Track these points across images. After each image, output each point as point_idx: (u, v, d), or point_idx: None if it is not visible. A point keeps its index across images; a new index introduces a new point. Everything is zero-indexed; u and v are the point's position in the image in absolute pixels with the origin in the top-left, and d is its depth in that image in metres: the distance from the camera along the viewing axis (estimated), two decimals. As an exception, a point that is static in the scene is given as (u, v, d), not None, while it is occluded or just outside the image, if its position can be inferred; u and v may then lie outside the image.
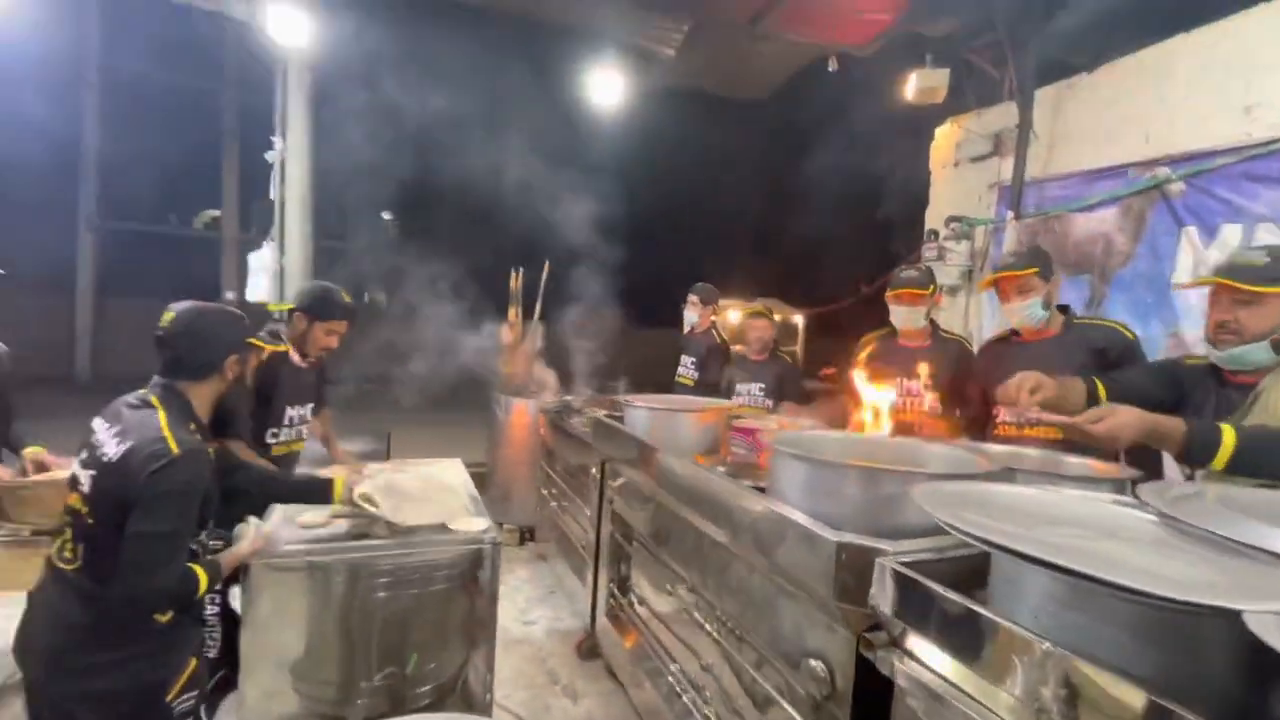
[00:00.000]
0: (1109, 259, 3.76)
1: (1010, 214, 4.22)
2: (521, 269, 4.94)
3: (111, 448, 1.55)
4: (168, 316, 1.70)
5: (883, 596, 1.29)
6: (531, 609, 3.76)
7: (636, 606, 2.83)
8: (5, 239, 9.79)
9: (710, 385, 4.23)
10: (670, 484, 2.30)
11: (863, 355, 2.92)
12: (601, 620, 3.10)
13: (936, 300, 2.85)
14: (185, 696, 1.65)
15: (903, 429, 2.39)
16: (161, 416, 1.60)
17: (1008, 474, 1.69)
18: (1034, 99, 4.08)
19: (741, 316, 7.59)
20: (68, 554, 1.59)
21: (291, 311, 2.60)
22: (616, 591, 2.97)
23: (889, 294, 2.78)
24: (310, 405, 2.73)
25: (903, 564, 1.26)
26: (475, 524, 2.28)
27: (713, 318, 4.49)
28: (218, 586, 1.78)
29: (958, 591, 1.14)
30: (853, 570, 1.37)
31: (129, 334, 12.97)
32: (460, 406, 5.37)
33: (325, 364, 2.82)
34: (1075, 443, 1.78)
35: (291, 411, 2.63)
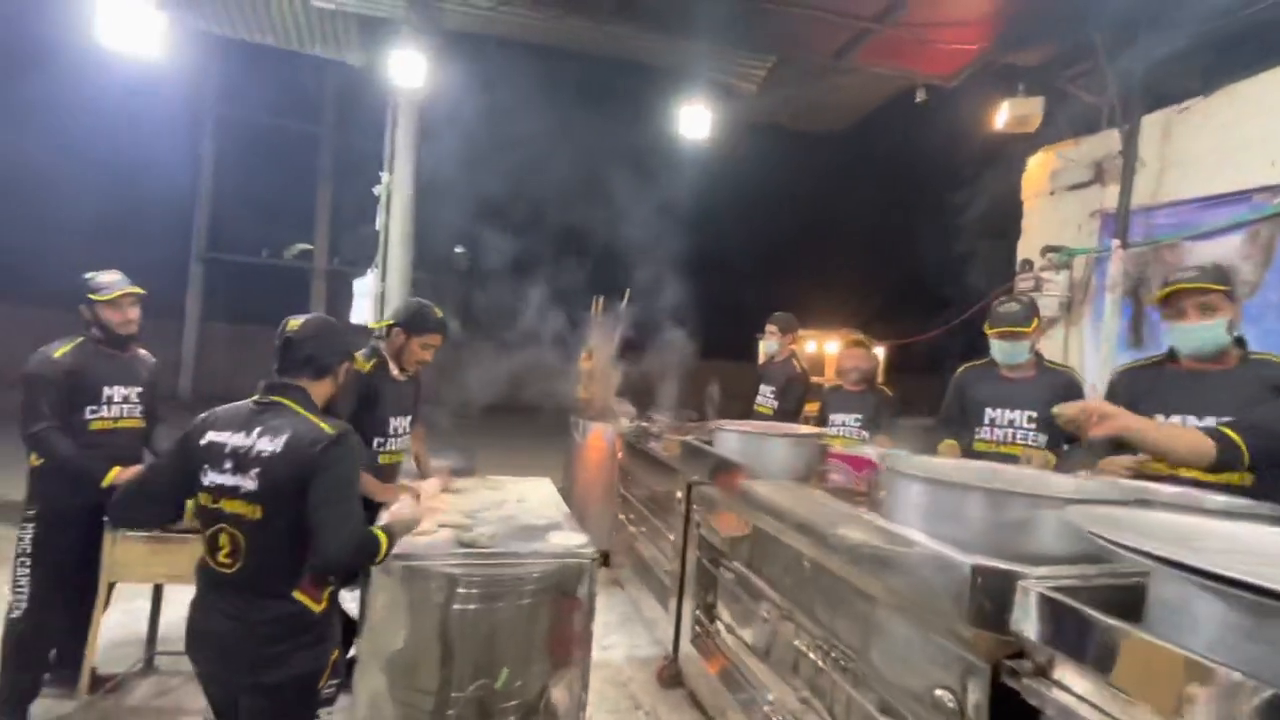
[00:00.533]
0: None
1: (1116, 242, 4.03)
2: (601, 298, 5.07)
3: (267, 444, 1.67)
4: (295, 323, 1.86)
5: (1028, 622, 1.23)
6: (608, 634, 3.74)
7: (724, 634, 2.78)
8: (130, 267, 10.83)
9: (789, 414, 4.18)
10: (771, 507, 2.27)
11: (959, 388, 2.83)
12: (686, 648, 3.05)
13: (1039, 334, 2.70)
14: (330, 683, 1.75)
15: (1007, 463, 2.29)
16: (300, 410, 1.74)
17: (1143, 505, 1.60)
18: (1140, 125, 3.93)
19: (839, 346, 7.49)
20: (225, 559, 1.68)
21: (390, 327, 2.75)
22: (703, 618, 2.93)
23: (989, 330, 2.66)
24: (409, 418, 2.84)
25: (1052, 589, 1.21)
26: (573, 539, 2.32)
27: (792, 347, 4.45)
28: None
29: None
30: (989, 595, 1.32)
31: (227, 357, 13.99)
32: (537, 432, 5.48)
33: (421, 381, 2.95)
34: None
35: (394, 422, 2.73)
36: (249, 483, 1.67)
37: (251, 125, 14.12)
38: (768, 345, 4.40)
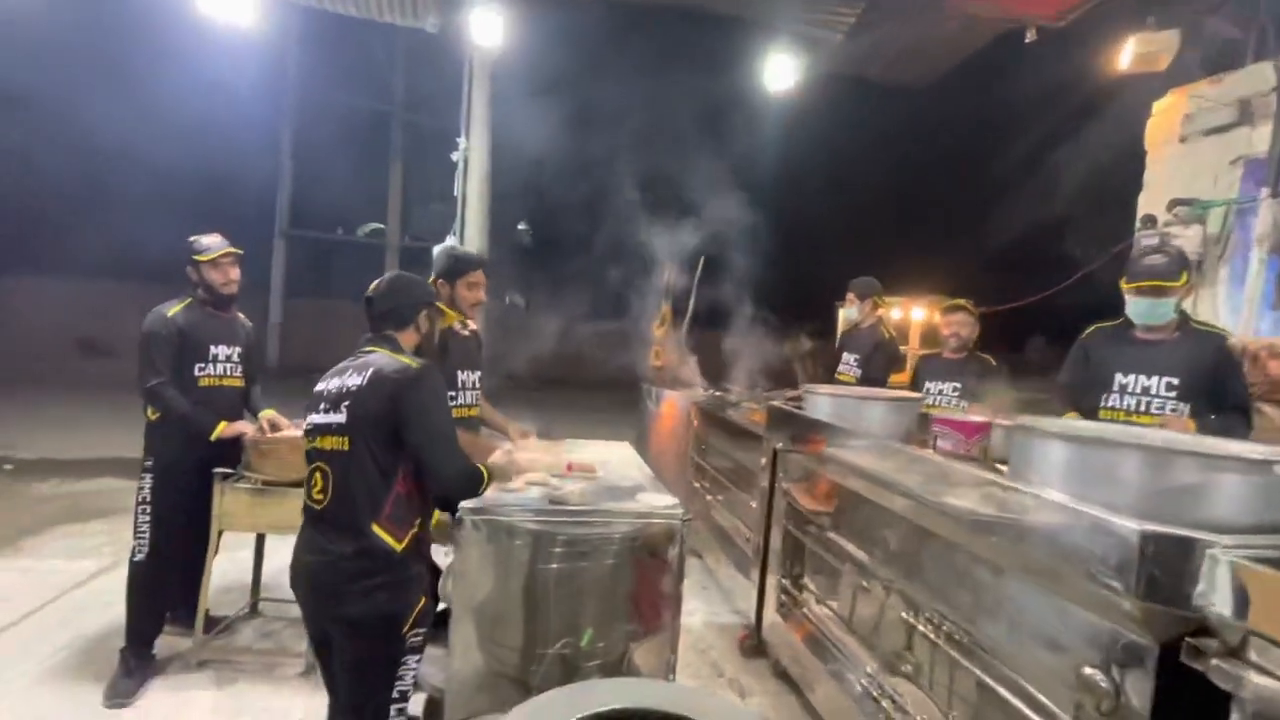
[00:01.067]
0: None
1: (1265, 191, 3.57)
2: (674, 263, 4.95)
3: (355, 380, 1.73)
4: (376, 284, 1.93)
5: (1218, 596, 1.08)
6: (687, 599, 3.67)
7: (813, 604, 2.68)
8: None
9: (875, 383, 3.98)
10: (875, 471, 2.13)
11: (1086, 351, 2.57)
12: (770, 617, 2.97)
13: (1188, 290, 2.39)
14: (416, 631, 1.77)
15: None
16: (387, 351, 1.82)
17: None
18: (1297, 57, 3.44)
19: (932, 312, 7.07)
20: (317, 495, 1.75)
21: (433, 284, 2.75)
22: (789, 587, 2.83)
23: (1127, 285, 2.37)
24: (477, 373, 2.82)
25: (1252, 558, 1.05)
26: (661, 500, 2.26)
27: (877, 313, 4.23)
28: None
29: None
30: (1162, 565, 1.16)
31: (310, 329, 14.69)
32: (610, 404, 5.47)
33: (483, 340, 2.97)
34: None
35: (462, 376, 2.72)
36: (339, 416, 1.73)
37: (328, 105, 14.60)
38: (849, 312, 4.19)
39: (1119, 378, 2.40)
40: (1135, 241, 4.12)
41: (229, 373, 2.96)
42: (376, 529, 1.69)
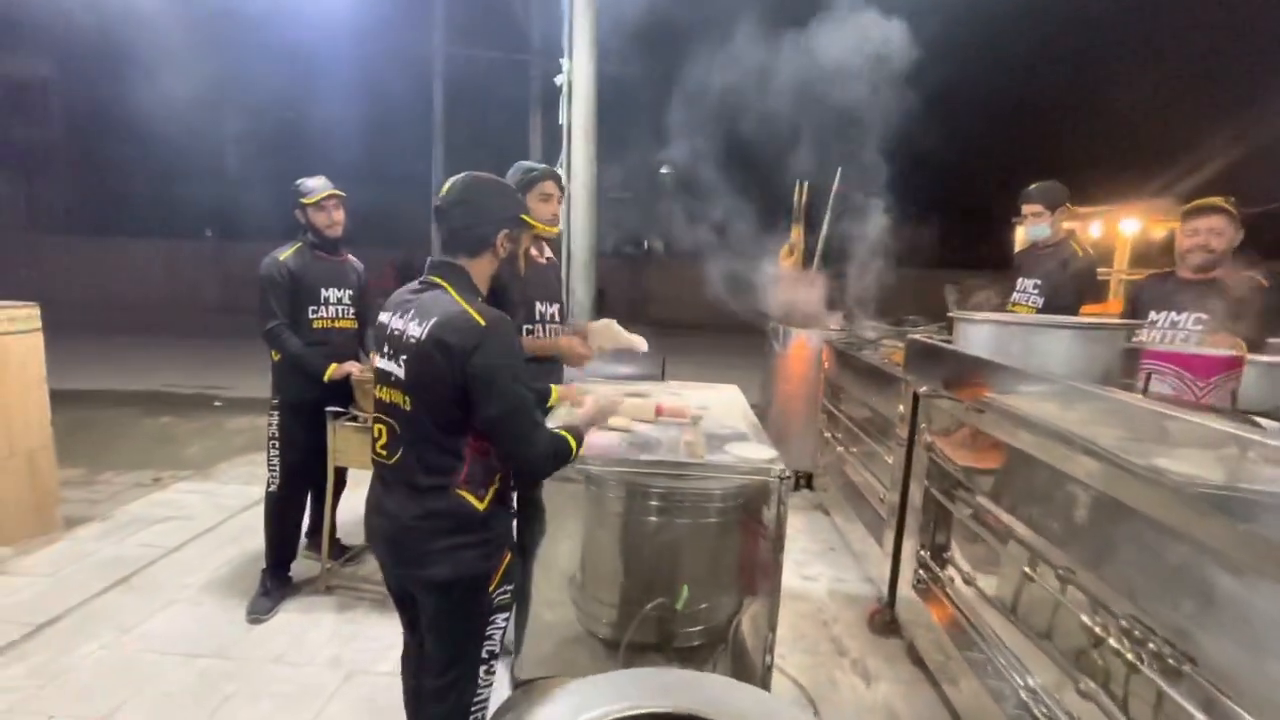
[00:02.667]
0: None
1: None
2: (807, 182, 4.32)
3: (415, 329, 1.50)
4: (446, 187, 1.60)
5: None
6: (810, 563, 3.32)
7: (959, 583, 2.17)
8: (383, 211, 12.55)
9: (1053, 309, 3.17)
10: (1047, 422, 1.58)
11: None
12: (905, 592, 2.50)
13: None
14: (504, 588, 1.61)
15: None
16: (452, 292, 1.52)
17: None
18: None
19: (1146, 222, 5.64)
20: (383, 451, 1.58)
21: None
22: (929, 561, 2.34)
23: None
24: (557, 305, 2.57)
25: None
26: (760, 452, 1.88)
27: (1068, 225, 3.34)
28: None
29: None
30: None
31: None
32: (742, 347, 5.04)
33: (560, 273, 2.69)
34: None
35: (541, 307, 2.48)
36: (399, 369, 1.52)
37: (472, 62, 15.05)
38: (1031, 229, 3.34)
39: None
40: None
41: (341, 315, 3.02)
42: (460, 491, 1.51)
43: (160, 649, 2.49)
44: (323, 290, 2.96)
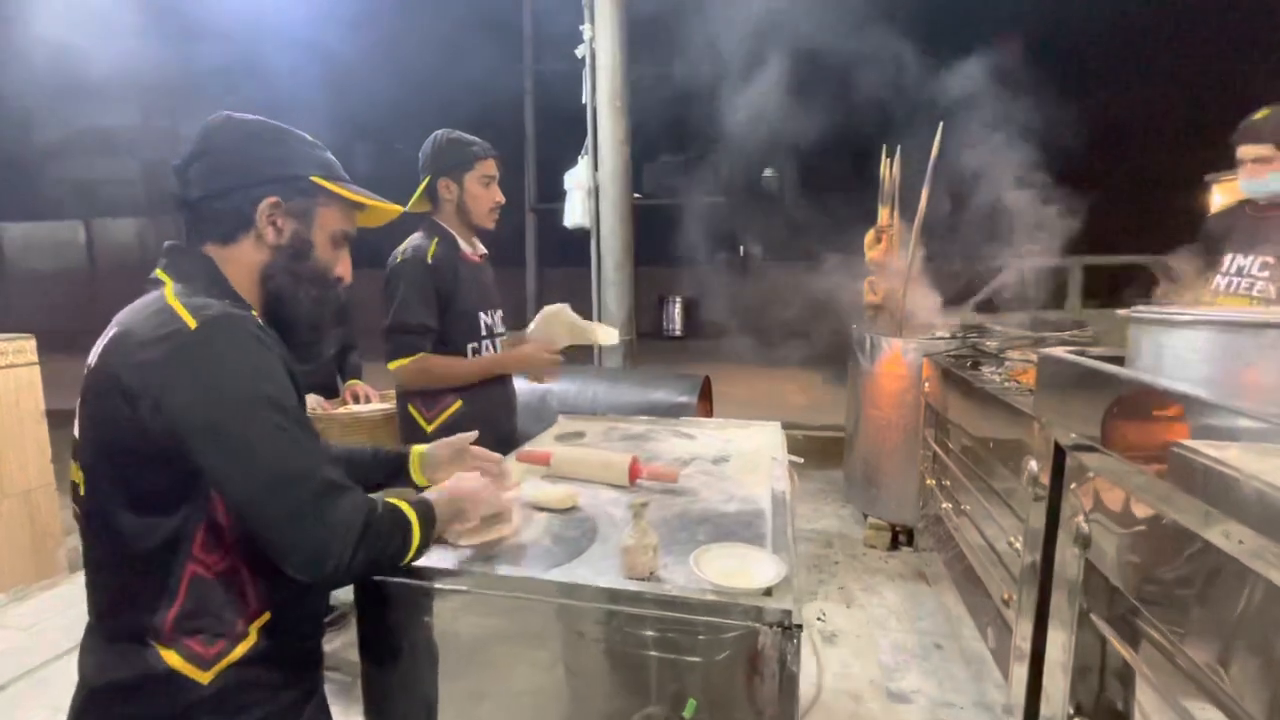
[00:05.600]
0: None
1: None
2: (898, 149, 3.35)
3: (94, 355, 0.88)
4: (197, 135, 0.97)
5: None
6: (904, 670, 2.35)
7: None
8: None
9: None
10: None
11: None
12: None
13: None
14: None
15: None
16: (168, 288, 0.90)
17: None
18: None
19: None
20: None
21: (428, 183, 1.87)
22: (1084, 692, 1.37)
23: None
24: (499, 311, 2.01)
25: None
26: (756, 570, 1.06)
27: (1310, 170, 2.17)
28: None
29: None
30: None
31: (651, 297, 15.39)
32: (837, 356, 4.13)
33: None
34: None
35: (484, 317, 1.93)
36: (76, 426, 0.89)
37: (559, 76, 14.97)
38: (1252, 181, 2.22)
39: None
40: None
41: None
42: (156, 648, 0.85)
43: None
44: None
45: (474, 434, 1.33)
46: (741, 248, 16.49)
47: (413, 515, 0.97)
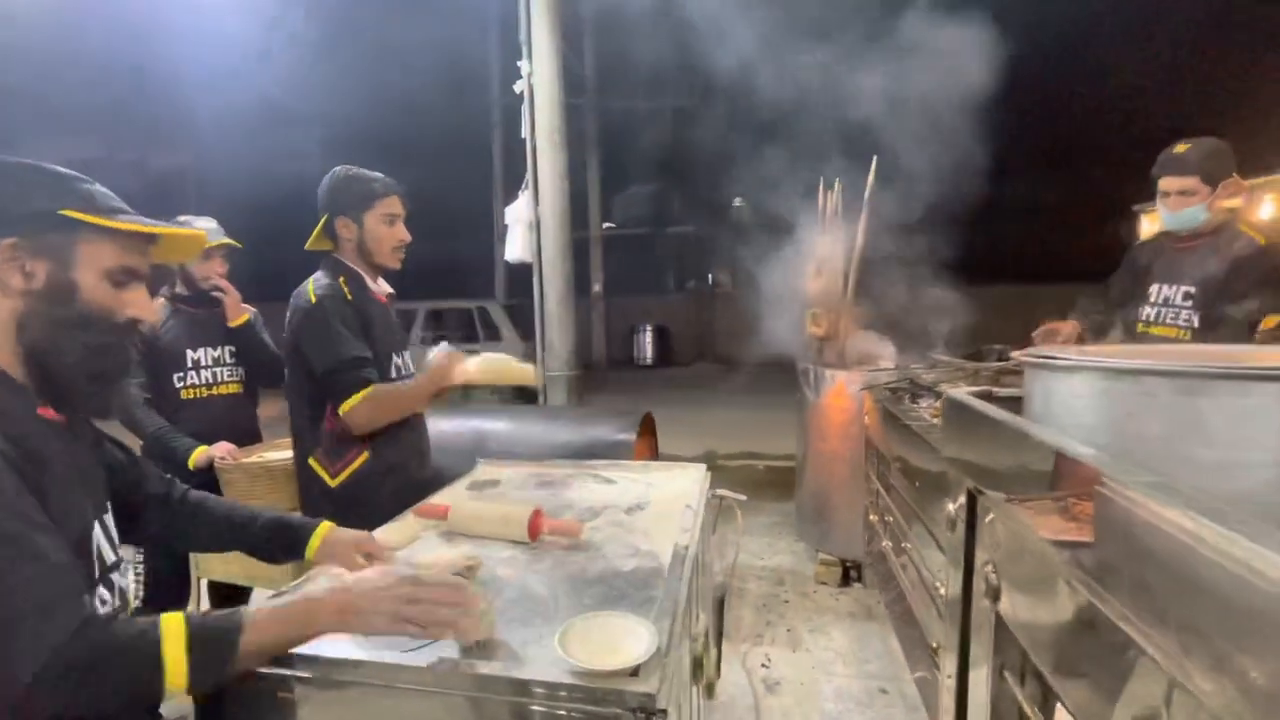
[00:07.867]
0: None
1: None
2: (837, 181, 3.38)
3: None
4: None
5: None
6: (847, 717, 2.26)
7: None
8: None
9: (1217, 328, 2.06)
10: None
11: None
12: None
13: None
14: None
15: None
16: None
17: None
18: None
19: None
20: None
21: (328, 224, 1.80)
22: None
23: None
24: (407, 353, 1.94)
25: None
26: (623, 647, 0.97)
27: (1230, 203, 2.21)
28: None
29: None
30: None
31: (622, 326, 15.19)
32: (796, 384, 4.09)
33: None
34: None
35: (396, 360, 1.87)
36: None
37: (622, 106, 15.05)
38: (1174, 213, 2.24)
39: None
40: None
41: (219, 379, 2.48)
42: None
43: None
44: (190, 352, 2.41)
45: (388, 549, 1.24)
46: (710, 276, 16.58)
47: (169, 634, 0.77)
